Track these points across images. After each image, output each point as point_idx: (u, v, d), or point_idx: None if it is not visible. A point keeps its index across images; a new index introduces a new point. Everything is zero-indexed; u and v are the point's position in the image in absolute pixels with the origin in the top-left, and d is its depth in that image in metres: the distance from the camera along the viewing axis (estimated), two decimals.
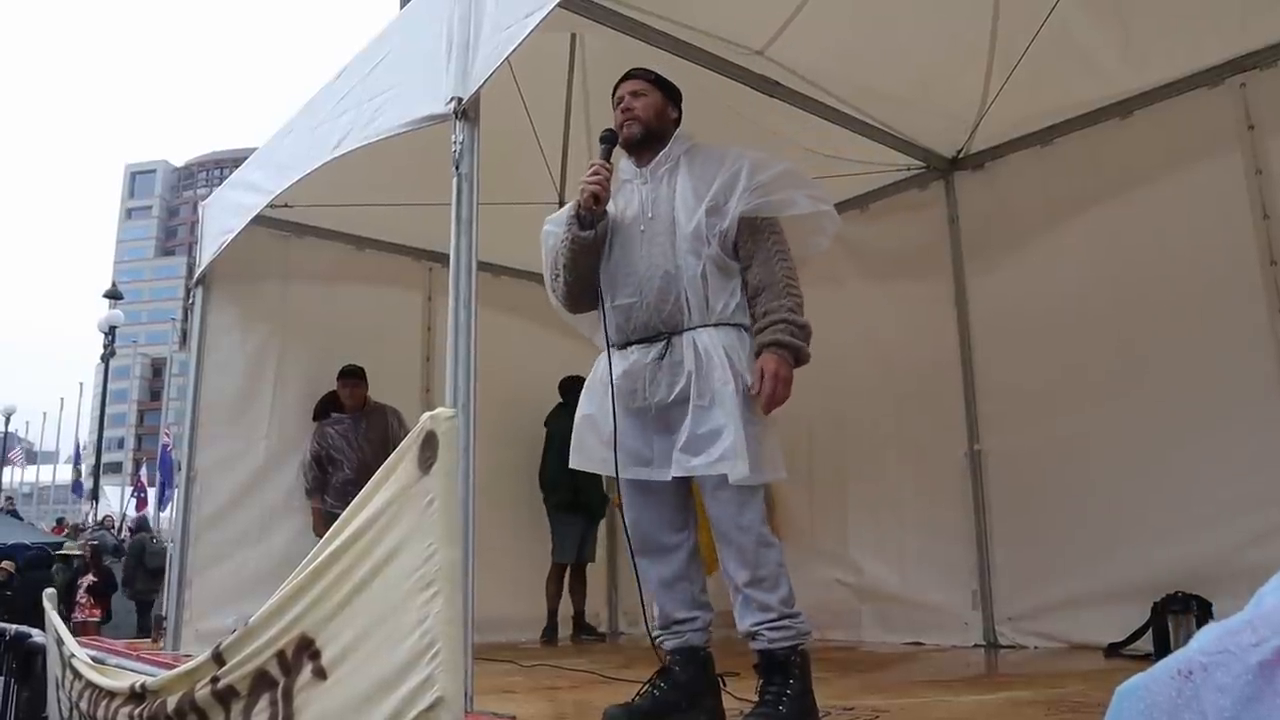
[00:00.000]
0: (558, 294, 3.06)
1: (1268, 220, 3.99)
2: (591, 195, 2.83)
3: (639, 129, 2.96)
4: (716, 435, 2.63)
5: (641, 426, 2.81)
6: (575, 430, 2.95)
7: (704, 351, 2.72)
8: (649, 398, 2.77)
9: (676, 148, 2.97)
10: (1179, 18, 3.96)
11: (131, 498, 27.33)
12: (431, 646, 1.52)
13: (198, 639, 4.89)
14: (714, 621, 2.89)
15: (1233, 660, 0.95)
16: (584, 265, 2.92)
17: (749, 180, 2.81)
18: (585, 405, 2.94)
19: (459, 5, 3.13)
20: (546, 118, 4.79)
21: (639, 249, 2.86)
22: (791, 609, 2.67)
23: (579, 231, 2.88)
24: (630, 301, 2.84)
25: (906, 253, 5.29)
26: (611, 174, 2.89)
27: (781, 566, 2.69)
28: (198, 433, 5.35)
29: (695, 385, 2.69)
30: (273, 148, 4.78)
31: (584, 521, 6.07)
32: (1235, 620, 0.98)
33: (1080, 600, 4.35)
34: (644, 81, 3.03)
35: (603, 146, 2.95)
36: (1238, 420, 3.94)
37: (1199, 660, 0.98)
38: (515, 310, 5.84)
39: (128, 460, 55.86)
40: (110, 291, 24.85)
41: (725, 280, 2.81)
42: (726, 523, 2.69)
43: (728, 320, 2.78)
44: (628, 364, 2.82)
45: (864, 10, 4.01)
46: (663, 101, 3.02)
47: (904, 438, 5.14)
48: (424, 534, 1.55)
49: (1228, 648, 0.96)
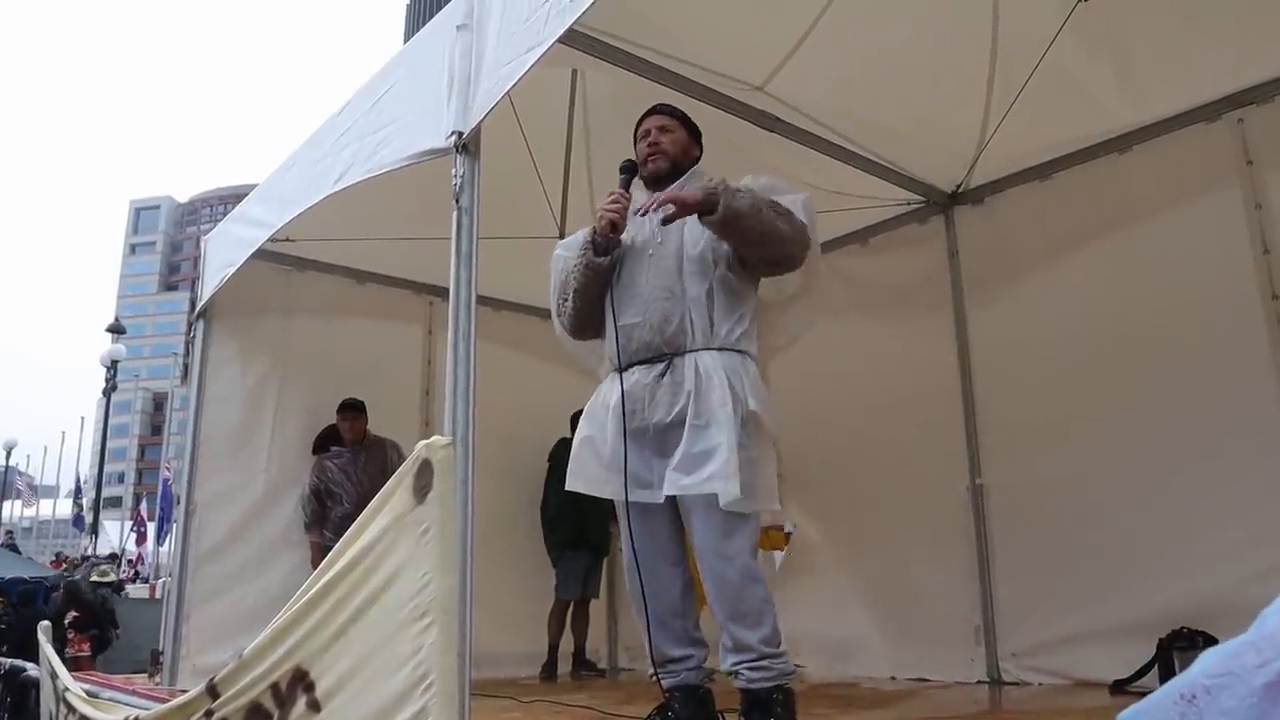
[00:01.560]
0: (564, 319, 3.07)
1: (1268, 254, 3.99)
2: (609, 223, 2.86)
3: (666, 164, 3.01)
4: (709, 455, 2.60)
5: (640, 448, 2.79)
6: (574, 453, 2.92)
7: (704, 373, 2.71)
8: (648, 418, 2.76)
9: (691, 181, 3.00)
10: (1176, 54, 3.99)
11: (131, 532, 27.23)
12: (425, 678, 1.50)
13: (195, 674, 4.84)
14: (707, 657, 2.86)
15: (1237, 683, 0.93)
16: (594, 291, 2.94)
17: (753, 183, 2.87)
18: (585, 427, 2.93)
19: (461, 41, 3.15)
20: (547, 153, 4.81)
21: (645, 272, 2.88)
22: (774, 648, 2.62)
23: (594, 257, 2.90)
24: (633, 322, 2.84)
25: (907, 286, 5.29)
26: (629, 203, 2.93)
27: (767, 603, 2.65)
28: (197, 466, 5.32)
29: (693, 405, 2.68)
30: (274, 182, 4.80)
31: (589, 557, 6.01)
32: (1238, 642, 0.96)
33: (1084, 636, 4.30)
34: (671, 118, 3.09)
35: (622, 176, 2.99)
36: (1241, 455, 3.92)
37: (1202, 683, 0.96)
38: (515, 344, 5.85)
39: (128, 495, 55.73)
40: (113, 326, 24.89)
41: (733, 305, 2.81)
42: (709, 550, 2.66)
43: (731, 346, 2.78)
44: (629, 384, 2.82)
45: (863, 46, 4.04)
46: (688, 140, 3.08)
47: (905, 471, 5.12)
48: (419, 563, 1.54)
49: (1231, 670, 0.94)
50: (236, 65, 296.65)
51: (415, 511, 1.57)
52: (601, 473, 2.85)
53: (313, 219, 4.32)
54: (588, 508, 5.91)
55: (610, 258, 2.90)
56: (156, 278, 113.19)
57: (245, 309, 5.54)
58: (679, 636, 2.81)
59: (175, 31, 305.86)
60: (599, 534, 5.97)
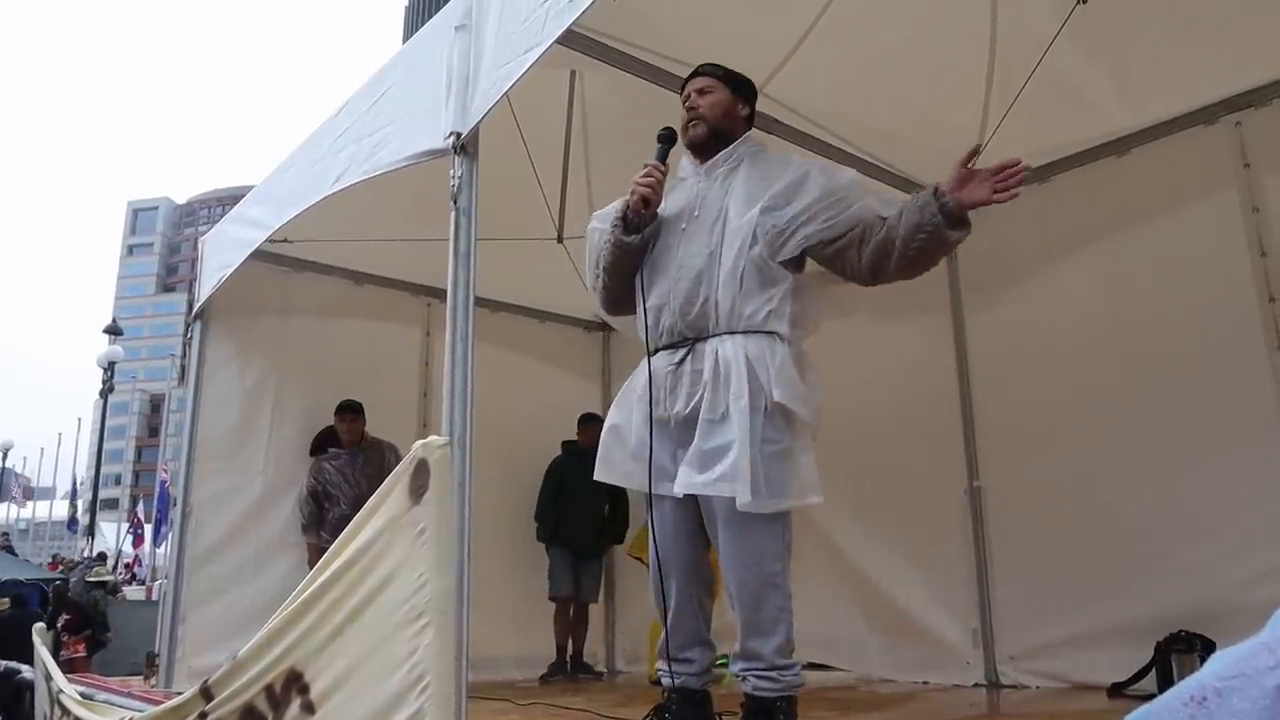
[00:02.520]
0: (598, 294, 2.95)
1: (1265, 257, 3.99)
2: (641, 198, 2.71)
3: (704, 129, 2.84)
4: (722, 453, 2.49)
5: (664, 439, 2.67)
6: (602, 441, 2.81)
7: (724, 361, 2.58)
8: (669, 408, 2.65)
9: (743, 148, 2.85)
10: (1174, 57, 3.99)
11: (128, 534, 27.19)
12: (421, 679, 1.49)
13: (191, 676, 4.83)
14: (714, 660, 2.83)
15: (1249, 684, 0.92)
16: (627, 268, 2.80)
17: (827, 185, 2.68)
18: (614, 414, 2.83)
19: (459, 42, 3.15)
20: (545, 153, 4.81)
21: (675, 249, 2.73)
22: (785, 659, 2.54)
23: (623, 236, 2.75)
24: (659, 304, 2.71)
25: (905, 289, 5.23)
26: (665, 176, 2.77)
27: (784, 611, 2.55)
28: (194, 467, 5.31)
29: (708, 398, 2.56)
30: (273, 182, 4.79)
31: (569, 555, 6.01)
32: (1250, 644, 0.95)
33: (1082, 639, 4.30)
34: (711, 79, 2.90)
35: (660, 146, 2.81)
36: (1238, 457, 3.92)
37: (1213, 685, 0.95)
38: (512, 345, 5.85)
39: (125, 496, 55.65)
40: (110, 327, 24.86)
41: (764, 286, 2.65)
42: (729, 552, 2.57)
43: (758, 328, 2.62)
44: (652, 370, 2.69)
45: (861, 48, 4.04)
46: (731, 99, 2.88)
47: (904, 474, 5.11)
48: (415, 564, 1.53)
49: (1243, 671, 0.93)
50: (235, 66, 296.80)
51: (411, 512, 1.56)
52: (627, 462, 2.75)
53: (310, 220, 4.32)
54: (565, 509, 5.94)
55: (641, 236, 2.74)
56: (154, 279, 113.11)
57: (243, 310, 5.54)
58: (688, 636, 2.73)
59: (173, 32, 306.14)
60: (578, 534, 5.98)
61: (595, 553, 6.13)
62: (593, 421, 5.92)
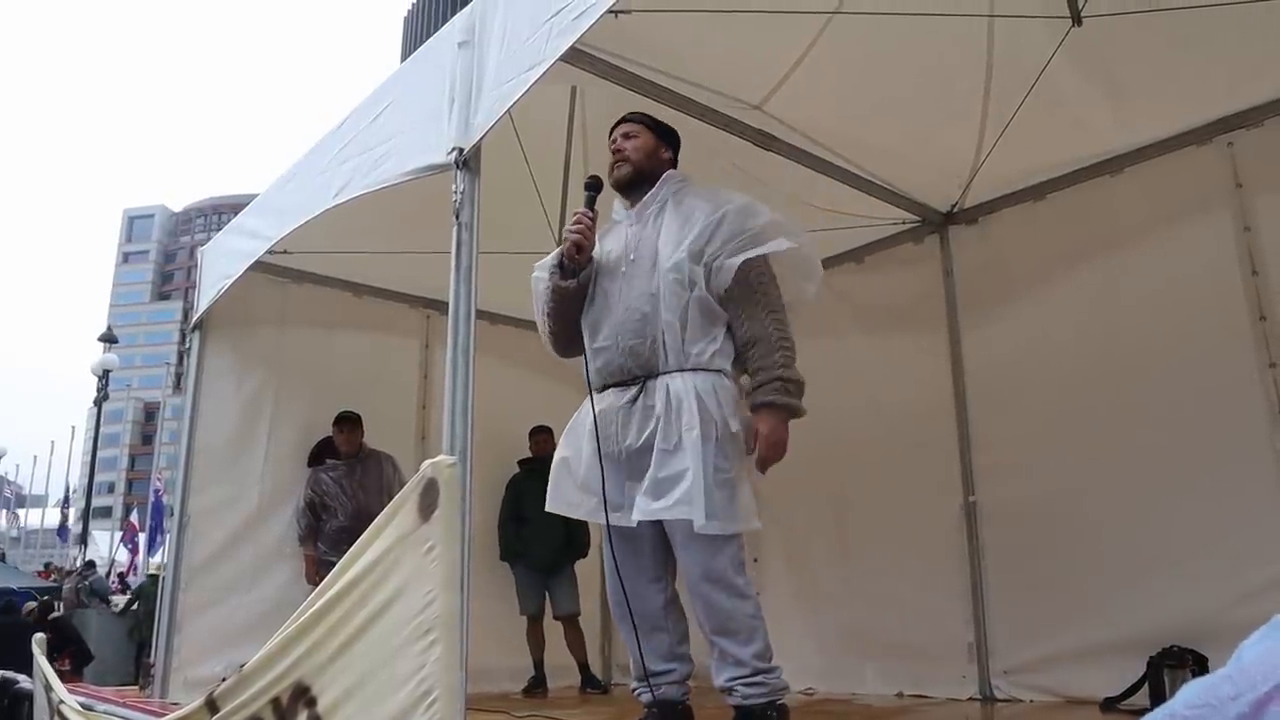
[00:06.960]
0: (547, 340, 3.08)
1: (1256, 276, 4.03)
2: (574, 245, 2.87)
3: (628, 170, 3.00)
4: (677, 479, 2.59)
5: (614, 472, 2.78)
6: (552, 473, 2.93)
7: (675, 396, 2.69)
8: (620, 442, 2.75)
9: (665, 188, 2.98)
10: (1168, 78, 4.03)
11: (121, 543, 27.08)
12: (429, 694, 1.51)
13: (186, 686, 4.84)
14: (693, 673, 2.85)
15: (1213, 714, 0.96)
16: (569, 312, 2.95)
17: (737, 227, 2.79)
18: (563, 448, 2.94)
19: (462, 58, 3.18)
20: (546, 168, 4.84)
21: (617, 292, 2.86)
22: (766, 663, 2.61)
23: (559, 281, 2.91)
24: (605, 345, 2.83)
25: (901, 305, 5.32)
26: (594, 222, 2.93)
27: (756, 619, 2.64)
28: (191, 477, 5.32)
29: (662, 429, 2.66)
30: (273, 194, 4.81)
31: (534, 572, 5.88)
32: (1217, 675, 1.00)
33: (1076, 653, 4.33)
34: (636, 124, 3.08)
35: (587, 194, 2.99)
36: (1231, 474, 3.96)
37: (1182, 714, 1.00)
38: (511, 358, 5.85)
39: (118, 504, 55.44)
40: (105, 335, 24.78)
41: (707, 325, 2.77)
42: (694, 572, 2.65)
43: (705, 366, 2.74)
44: (602, 407, 2.81)
45: (860, 67, 4.08)
46: (654, 142, 3.05)
47: (899, 489, 5.14)
48: (423, 581, 1.56)
49: (1209, 701, 0.97)
50: (232, 75, 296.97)
51: (420, 530, 1.58)
52: (576, 494, 2.86)
53: (310, 232, 4.34)
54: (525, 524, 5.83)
55: (577, 280, 2.90)
56: (149, 287, 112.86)
57: (241, 320, 5.55)
58: (662, 651, 2.80)
59: (171, 40, 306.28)
60: (540, 550, 5.81)
61: (562, 566, 5.92)
62: (543, 432, 5.92)
